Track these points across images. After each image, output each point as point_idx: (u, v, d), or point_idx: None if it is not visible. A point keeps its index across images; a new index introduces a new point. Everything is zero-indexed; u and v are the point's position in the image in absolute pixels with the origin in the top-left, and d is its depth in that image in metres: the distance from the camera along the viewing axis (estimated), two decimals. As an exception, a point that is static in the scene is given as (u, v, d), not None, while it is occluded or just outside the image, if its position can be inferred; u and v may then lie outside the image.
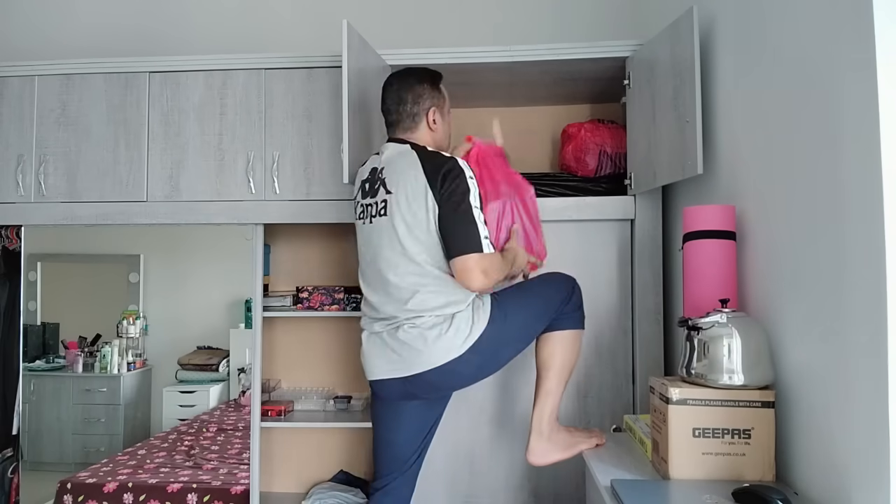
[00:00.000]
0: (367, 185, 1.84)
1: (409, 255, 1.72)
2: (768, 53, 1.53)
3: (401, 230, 1.72)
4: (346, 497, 2.45)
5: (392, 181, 1.76)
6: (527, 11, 2.76)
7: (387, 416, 1.85)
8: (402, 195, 1.73)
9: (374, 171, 1.83)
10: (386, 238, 1.75)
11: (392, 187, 1.75)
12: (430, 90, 1.87)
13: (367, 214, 1.82)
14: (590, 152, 2.33)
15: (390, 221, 1.74)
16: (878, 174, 1.08)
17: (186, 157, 2.37)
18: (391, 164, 1.78)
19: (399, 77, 1.88)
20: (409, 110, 1.84)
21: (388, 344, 1.75)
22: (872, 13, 1.09)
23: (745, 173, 1.66)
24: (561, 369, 1.82)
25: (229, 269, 2.78)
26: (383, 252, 1.76)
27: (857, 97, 1.15)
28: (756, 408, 1.38)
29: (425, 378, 1.72)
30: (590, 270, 2.25)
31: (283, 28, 2.83)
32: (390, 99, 1.86)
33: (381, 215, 1.77)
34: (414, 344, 1.70)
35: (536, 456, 1.79)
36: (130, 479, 2.53)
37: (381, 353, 1.77)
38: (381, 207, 1.77)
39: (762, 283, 1.55)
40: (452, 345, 1.69)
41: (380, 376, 1.79)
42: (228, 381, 2.89)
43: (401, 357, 1.73)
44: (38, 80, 2.42)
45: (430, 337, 1.69)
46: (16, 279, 2.60)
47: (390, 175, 1.77)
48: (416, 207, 1.71)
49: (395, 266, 1.74)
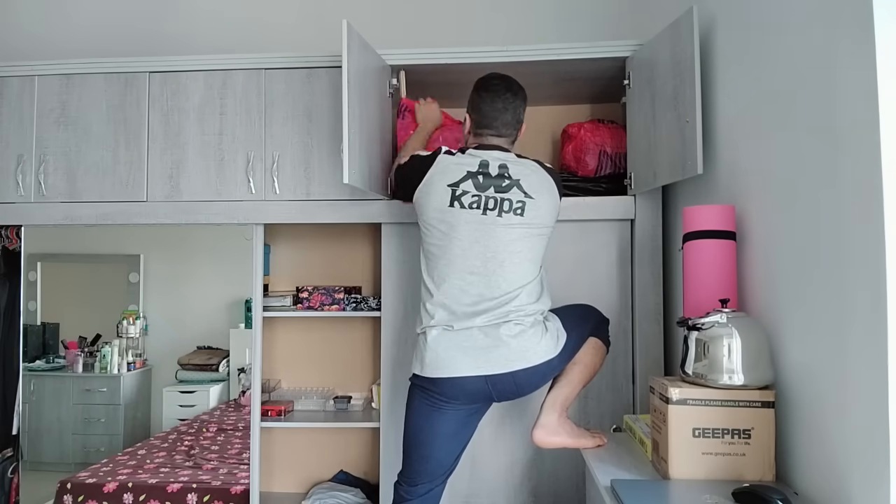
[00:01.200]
0: (480, 178, 1.80)
1: (532, 256, 1.81)
2: (768, 53, 1.53)
3: (534, 233, 1.81)
4: (346, 497, 2.45)
5: (532, 188, 1.81)
6: (527, 11, 2.76)
7: (438, 422, 1.80)
8: (542, 204, 1.81)
9: (488, 164, 1.81)
10: (515, 235, 1.78)
11: (533, 194, 1.80)
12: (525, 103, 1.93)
13: (486, 207, 1.78)
14: (590, 152, 2.33)
15: (527, 222, 1.79)
16: (878, 174, 1.08)
17: (186, 157, 2.37)
18: (522, 171, 1.82)
19: (521, 92, 1.90)
20: (517, 128, 1.90)
21: (482, 339, 1.74)
22: (872, 13, 1.10)
23: (745, 173, 1.66)
24: (586, 366, 1.85)
25: (229, 269, 2.77)
26: (510, 247, 1.78)
27: (857, 96, 1.15)
28: (756, 408, 1.38)
29: (516, 377, 1.74)
30: (590, 270, 2.25)
31: (283, 28, 2.83)
32: (504, 108, 1.86)
33: (516, 213, 1.79)
34: (515, 339, 1.73)
35: (545, 432, 1.80)
36: (130, 479, 2.53)
37: (467, 350, 1.74)
38: (518, 207, 1.79)
39: (762, 283, 1.55)
40: (549, 348, 1.76)
41: (461, 373, 1.75)
42: (228, 381, 2.88)
43: (497, 354, 1.73)
44: (38, 80, 2.42)
45: (530, 335, 1.74)
46: (16, 279, 2.60)
47: (528, 182, 1.81)
48: (548, 219, 1.84)
49: (516, 263, 1.78)
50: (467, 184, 1.79)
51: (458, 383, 1.75)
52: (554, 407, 1.81)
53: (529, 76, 2.36)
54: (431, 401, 1.79)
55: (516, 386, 1.77)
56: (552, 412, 1.81)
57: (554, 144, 2.68)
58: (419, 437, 1.82)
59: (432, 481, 1.83)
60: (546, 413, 1.81)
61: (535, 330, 1.76)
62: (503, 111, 1.85)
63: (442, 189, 1.80)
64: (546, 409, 1.82)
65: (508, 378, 1.74)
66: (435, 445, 1.81)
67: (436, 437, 1.80)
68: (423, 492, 1.83)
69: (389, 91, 2.27)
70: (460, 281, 1.78)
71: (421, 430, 1.82)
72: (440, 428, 1.80)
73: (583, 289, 2.23)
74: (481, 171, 1.80)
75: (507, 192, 1.79)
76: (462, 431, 1.84)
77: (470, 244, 1.78)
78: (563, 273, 2.22)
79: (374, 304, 2.49)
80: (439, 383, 1.77)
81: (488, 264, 1.77)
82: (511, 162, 1.83)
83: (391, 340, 2.32)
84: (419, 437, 1.82)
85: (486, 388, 1.75)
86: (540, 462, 2.22)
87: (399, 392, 2.30)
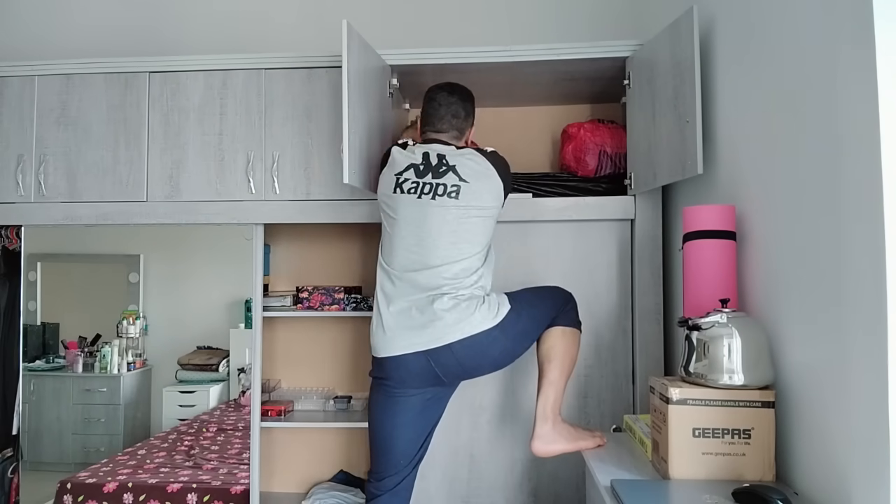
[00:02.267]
0: (421, 167, 1.91)
1: (470, 238, 1.86)
2: (768, 53, 1.53)
3: (472, 214, 1.86)
4: (346, 497, 2.45)
5: (468, 173, 1.88)
6: (527, 11, 2.76)
7: (394, 411, 1.85)
8: (479, 188, 1.88)
9: (429, 155, 1.92)
10: (450, 216, 1.85)
11: (469, 178, 1.88)
12: (473, 111, 2.06)
13: (421, 191, 1.88)
14: (590, 152, 2.33)
15: (463, 205, 1.86)
16: (878, 173, 1.08)
17: (186, 157, 2.37)
18: (459, 159, 1.91)
19: (460, 92, 2.03)
20: (459, 125, 2.01)
21: (418, 316, 1.81)
22: (872, 13, 1.09)
23: (745, 173, 1.66)
24: (562, 360, 1.85)
25: (229, 269, 2.77)
26: (444, 227, 1.85)
27: (857, 96, 1.15)
28: (756, 408, 1.38)
29: (453, 350, 1.77)
30: (590, 270, 2.25)
31: (283, 28, 2.83)
32: (445, 108, 2.00)
33: (450, 196, 1.86)
34: (449, 313, 1.78)
35: (542, 442, 1.81)
36: (130, 479, 2.53)
37: (407, 327, 1.81)
38: (453, 190, 1.86)
39: (762, 283, 1.55)
40: (485, 317, 1.80)
41: (402, 351, 1.80)
42: (228, 381, 2.88)
43: (432, 328, 1.78)
44: (38, 80, 2.42)
45: (464, 308, 1.79)
46: (16, 279, 2.60)
47: (464, 168, 1.89)
48: (487, 202, 1.89)
49: (451, 242, 1.84)
50: (409, 172, 1.92)
51: (401, 362, 1.81)
52: (545, 415, 1.82)
53: (529, 76, 2.38)
54: (386, 391, 1.86)
55: (457, 360, 1.80)
56: (545, 421, 1.81)
57: (554, 144, 2.68)
58: (379, 430, 1.88)
59: (398, 473, 1.86)
60: (539, 423, 1.82)
61: (470, 303, 1.80)
62: (438, 108, 2.00)
63: (389, 178, 1.95)
64: (538, 419, 1.82)
65: (446, 351, 1.78)
66: (394, 435, 1.85)
67: (394, 427, 1.85)
68: (391, 485, 1.85)
69: (389, 91, 2.27)
70: (401, 260, 1.88)
71: (380, 422, 1.87)
72: (397, 418, 1.84)
73: (583, 289, 2.23)
74: (423, 163, 1.92)
75: (442, 178, 1.88)
76: (420, 419, 1.87)
77: (407, 225, 1.89)
78: (563, 273, 2.22)
79: (374, 304, 2.49)
80: (386, 366, 1.84)
81: (423, 243, 1.85)
82: (450, 153, 1.93)
83: (391, 340, 2.32)
84: (379, 430, 1.88)
85: (428, 366, 1.80)
86: (540, 462, 2.22)
87: (399, 392, 2.30)
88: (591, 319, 2.23)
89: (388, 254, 1.92)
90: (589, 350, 2.23)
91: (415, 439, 1.87)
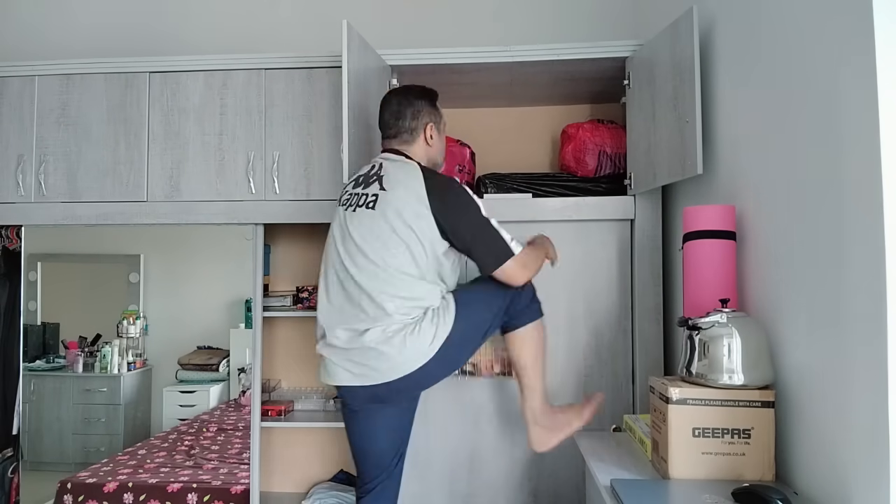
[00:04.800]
0: (360, 178, 1.85)
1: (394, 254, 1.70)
2: (768, 53, 1.53)
3: (391, 227, 1.71)
4: (346, 497, 2.45)
5: (390, 181, 1.77)
6: (527, 11, 2.76)
7: (360, 426, 1.83)
8: (396, 196, 1.73)
9: (373, 167, 1.85)
10: (366, 229, 1.74)
11: (388, 186, 1.76)
12: (427, 107, 1.91)
13: (348, 203, 1.82)
14: (589, 152, 2.33)
15: (380, 214, 1.73)
16: (878, 173, 1.08)
17: (186, 157, 2.37)
18: (391, 168, 1.81)
19: (398, 93, 1.94)
20: (407, 125, 1.88)
21: (351, 351, 1.72)
22: (872, 13, 1.10)
23: (745, 173, 1.66)
24: (534, 363, 1.84)
25: (229, 269, 2.77)
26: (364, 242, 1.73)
27: (857, 97, 1.15)
28: (756, 408, 1.38)
29: (392, 386, 1.72)
30: (590, 270, 2.25)
31: (283, 28, 2.83)
32: (388, 113, 1.90)
33: (368, 207, 1.76)
34: (381, 350, 1.67)
35: (539, 444, 1.85)
36: (130, 479, 2.53)
37: (344, 358, 1.73)
38: (371, 200, 1.75)
39: (762, 283, 1.55)
40: (419, 351, 1.68)
41: (343, 382, 1.76)
42: (228, 381, 2.88)
43: (367, 366, 1.70)
44: (38, 80, 2.42)
45: (396, 343, 1.66)
46: (16, 279, 2.60)
47: (388, 175, 1.79)
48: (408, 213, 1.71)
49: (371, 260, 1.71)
50: (351, 184, 1.87)
51: (349, 391, 1.78)
52: (535, 419, 1.85)
53: (529, 76, 2.38)
54: (348, 407, 1.84)
55: (397, 390, 1.74)
56: (536, 425, 1.85)
57: (554, 145, 2.69)
58: (352, 440, 1.88)
59: (377, 477, 1.85)
60: (531, 428, 1.85)
61: (400, 336, 1.67)
62: (383, 114, 1.91)
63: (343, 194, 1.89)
64: (529, 424, 1.85)
65: (385, 387, 1.72)
66: (366, 447, 1.85)
67: (363, 438, 1.84)
68: (371, 488, 1.85)
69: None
70: (331, 279, 1.79)
71: (351, 434, 1.87)
72: (365, 430, 1.83)
73: (583, 289, 2.23)
74: (365, 174, 1.85)
75: (367, 188, 1.80)
76: (388, 428, 1.84)
77: (335, 245, 1.81)
78: (563, 273, 2.22)
79: (374, 304, 2.49)
80: (339, 391, 1.82)
81: (345, 265, 1.75)
82: (391, 160, 1.83)
83: (391, 340, 2.32)
84: (352, 440, 1.88)
85: (375, 393, 1.75)
86: (540, 462, 2.22)
87: (399, 392, 2.30)
88: (590, 319, 2.24)
89: (322, 273, 1.84)
90: (589, 350, 2.23)
91: (388, 446, 1.85)
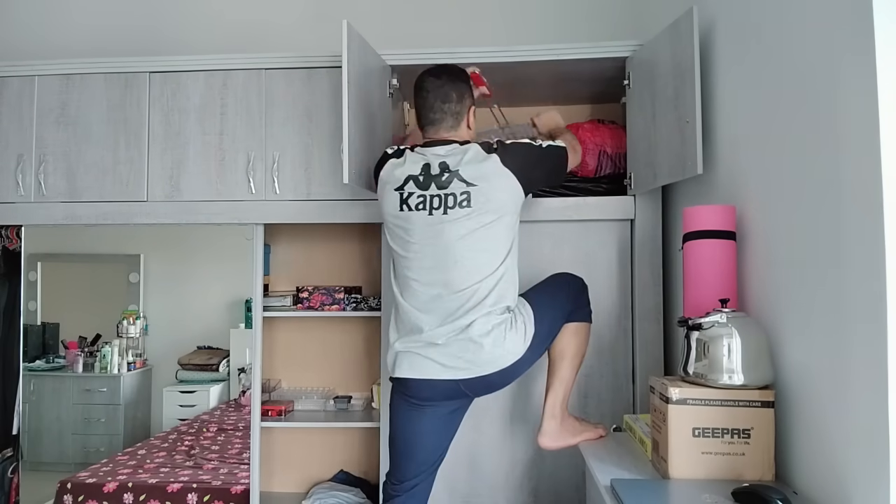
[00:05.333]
0: (421, 178, 1.77)
1: (489, 246, 1.74)
2: (768, 53, 1.53)
3: (486, 220, 1.73)
4: (346, 497, 2.45)
5: (473, 176, 1.74)
6: (527, 11, 2.76)
7: (419, 422, 1.80)
8: (488, 188, 1.73)
9: (429, 166, 1.78)
10: (465, 229, 1.73)
11: (476, 181, 1.73)
12: (469, 90, 1.88)
13: (431, 206, 1.75)
14: (589, 152, 2.32)
15: (476, 211, 1.72)
16: (878, 173, 1.08)
17: (186, 157, 2.37)
18: (465, 161, 1.75)
19: (444, 73, 1.84)
20: (454, 109, 1.82)
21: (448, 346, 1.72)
22: (872, 13, 1.10)
23: (745, 173, 1.66)
24: (574, 357, 1.86)
25: (229, 269, 2.78)
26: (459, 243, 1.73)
27: (856, 96, 1.15)
28: (756, 407, 1.38)
29: (486, 378, 1.73)
30: (590, 270, 2.24)
31: (283, 28, 2.83)
32: (434, 96, 1.81)
33: (461, 206, 1.73)
34: (483, 341, 1.69)
35: (549, 438, 1.83)
36: (130, 479, 2.53)
37: (434, 355, 1.73)
38: (463, 199, 1.73)
39: (762, 283, 1.55)
40: (516, 344, 1.72)
41: (430, 376, 1.74)
42: (228, 381, 2.89)
43: (466, 358, 1.71)
44: (38, 80, 2.42)
45: (497, 335, 1.70)
46: (16, 279, 2.60)
47: (468, 170, 1.74)
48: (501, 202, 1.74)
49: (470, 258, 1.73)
50: (410, 185, 1.79)
51: (428, 384, 1.75)
52: (554, 413, 1.83)
53: (529, 76, 2.38)
54: (407, 401, 1.80)
55: (490, 385, 1.77)
56: (553, 419, 1.83)
57: (554, 144, 2.68)
58: (401, 436, 1.83)
59: (416, 477, 1.84)
60: (548, 420, 1.83)
61: (501, 329, 1.71)
62: (427, 96, 1.83)
63: (392, 195, 1.81)
64: (547, 415, 1.84)
65: (480, 380, 1.74)
66: (416, 443, 1.82)
67: (416, 435, 1.81)
68: (410, 486, 1.83)
69: (389, 91, 2.26)
70: (421, 285, 1.77)
71: (403, 429, 1.82)
72: (419, 427, 1.80)
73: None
74: (422, 173, 1.78)
75: (448, 187, 1.75)
76: (444, 428, 1.84)
77: (423, 247, 1.77)
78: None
79: (374, 303, 2.49)
80: (411, 385, 1.77)
81: (443, 264, 1.74)
82: (451, 154, 1.78)
83: (391, 340, 2.32)
84: (401, 436, 1.83)
85: (457, 388, 1.76)
86: (540, 462, 2.22)
87: (399, 392, 2.30)
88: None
89: (403, 278, 1.80)
90: (589, 350, 2.21)
91: (437, 447, 1.84)
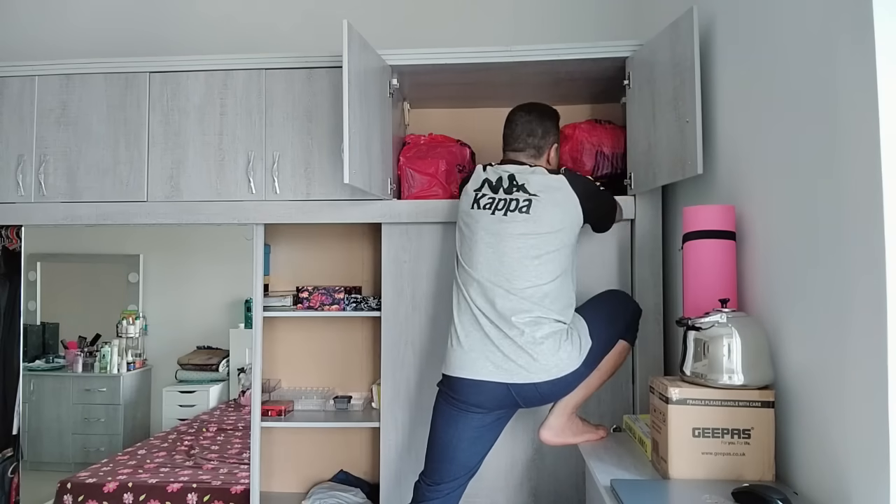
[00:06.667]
0: (492, 183, 1.93)
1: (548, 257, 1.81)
2: (768, 53, 1.53)
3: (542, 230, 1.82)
4: (346, 497, 2.45)
5: (536, 188, 1.86)
6: (527, 12, 2.76)
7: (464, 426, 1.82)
8: (548, 201, 1.84)
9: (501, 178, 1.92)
10: (521, 234, 1.82)
11: (539, 193, 1.85)
12: (554, 128, 2.04)
13: (496, 207, 1.88)
14: (586, 152, 2.32)
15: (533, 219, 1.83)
16: (878, 174, 1.08)
17: (186, 157, 2.37)
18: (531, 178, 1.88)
19: (531, 111, 2.02)
20: (536, 142, 1.99)
21: (503, 347, 1.75)
22: (872, 13, 1.10)
23: (745, 173, 1.66)
24: (608, 372, 1.87)
25: (229, 269, 2.77)
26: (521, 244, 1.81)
27: (856, 96, 1.15)
28: (756, 408, 1.38)
29: (538, 387, 1.74)
30: (590, 270, 2.25)
31: (283, 28, 2.83)
32: (521, 127, 1.99)
33: (521, 211, 1.84)
34: (537, 349, 1.73)
35: (551, 433, 1.84)
36: (130, 479, 2.53)
37: (488, 354, 1.77)
38: (524, 205, 1.84)
39: (762, 283, 1.55)
40: (571, 356, 1.76)
41: (482, 377, 1.76)
42: (228, 381, 2.88)
43: (519, 363, 1.74)
44: (38, 80, 2.42)
45: (551, 344, 1.74)
46: (16, 279, 2.60)
47: (532, 183, 1.87)
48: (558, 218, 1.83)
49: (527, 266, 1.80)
50: (485, 188, 1.94)
51: (479, 387, 1.77)
52: (565, 410, 1.84)
53: (530, 76, 2.38)
54: (454, 405, 1.82)
55: (540, 394, 1.78)
56: (562, 415, 1.84)
57: (554, 144, 2.68)
58: (442, 439, 1.84)
59: (454, 481, 1.85)
60: (556, 415, 1.84)
61: (556, 338, 1.75)
62: (515, 128, 2.01)
63: (468, 194, 1.97)
64: (556, 411, 1.84)
65: (531, 387, 1.75)
66: (459, 448, 1.82)
67: (458, 440, 1.82)
68: (447, 491, 1.85)
69: (389, 91, 2.27)
70: (482, 279, 1.83)
71: (444, 432, 1.84)
72: (464, 432, 1.82)
73: (583, 289, 2.22)
74: (496, 182, 1.93)
75: (513, 194, 1.88)
76: (486, 435, 1.85)
77: (486, 246, 1.86)
78: (563, 273, 2.22)
79: (374, 304, 2.49)
80: (459, 387, 1.80)
81: (503, 261, 1.82)
82: (520, 171, 1.92)
83: (391, 340, 2.32)
84: (442, 439, 1.84)
85: (508, 395, 1.76)
86: (540, 462, 2.23)
87: (399, 392, 2.30)
88: (591, 319, 2.23)
89: (466, 273, 1.87)
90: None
91: (477, 453, 1.86)
